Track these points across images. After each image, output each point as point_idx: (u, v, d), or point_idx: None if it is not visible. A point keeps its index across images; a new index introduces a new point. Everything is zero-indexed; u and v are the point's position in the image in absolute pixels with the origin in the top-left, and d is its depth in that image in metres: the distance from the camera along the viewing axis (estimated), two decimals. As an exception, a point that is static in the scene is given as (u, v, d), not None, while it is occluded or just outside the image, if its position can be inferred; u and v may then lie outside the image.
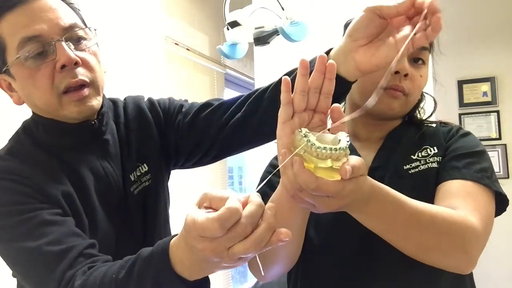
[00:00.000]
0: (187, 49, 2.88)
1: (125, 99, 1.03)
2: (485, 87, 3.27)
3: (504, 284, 3.05)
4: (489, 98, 3.26)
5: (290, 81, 0.65)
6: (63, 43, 0.81)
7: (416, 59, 0.92)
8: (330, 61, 0.66)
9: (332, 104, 0.68)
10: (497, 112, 3.24)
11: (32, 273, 0.76)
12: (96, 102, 0.86)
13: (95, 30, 0.89)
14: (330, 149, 0.56)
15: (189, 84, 2.95)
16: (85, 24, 0.89)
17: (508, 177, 3.17)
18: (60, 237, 0.75)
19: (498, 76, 3.24)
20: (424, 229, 0.73)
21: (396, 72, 0.89)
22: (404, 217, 0.71)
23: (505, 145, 3.20)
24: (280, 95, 0.66)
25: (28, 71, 0.82)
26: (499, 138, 3.22)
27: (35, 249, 0.74)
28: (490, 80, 3.25)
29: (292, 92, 0.66)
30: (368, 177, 0.66)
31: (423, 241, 0.74)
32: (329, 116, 0.69)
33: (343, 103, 1.06)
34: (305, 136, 0.58)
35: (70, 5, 0.88)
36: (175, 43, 2.75)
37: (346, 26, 1.03)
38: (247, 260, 0.58)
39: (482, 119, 3.27)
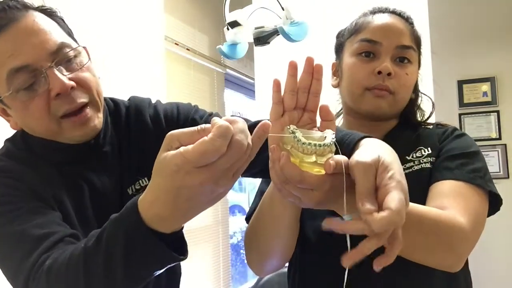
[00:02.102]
0: (187, 49, 2.88)
1: (129, 100, 0.99)
2: (485, 87, 3.27)
3: (502, 283, 3.05)
4: (489, 98, 3.26)
5: (280, 82, 0.69)
6: (55, 70, 0.77)
7: (402, 58, 0.95)
8: (317, 63, 0.69)
9: None
10: (497, 112, 3.24)
11: (10, 258, 0.73)
12: (98, 121, 0.84)
13: (83, 47, 0.84)
14: (315, 145, 0.60)
15: (189, 84, 2.95)
16: (70, 35, 0.85)
17: (508, 177, 3.17)
18: (44, 223, 0.74)
19: (498, 76, 3.24)
20: (411, 228, 0.74)
21: (379, 72, 0.91)
22: None
23: (505, 145, 3.20)
24: None
25: (22, 103, 0.79)
26: (499, 138, 3.22)
27: (18, 232, 0.72)
28: (490, 80, 3.25)
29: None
30: None
31: (410, 240, 0.75)
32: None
33: (340, 107, 1.08)
34: (293, 132, 0.61)
35: (51, 15, 0.83)
36: (175, 43, 2.75)
37: (337, 36, 1.05)
38: (237, 178, 0.55)
39: (482, 119, 3.27)
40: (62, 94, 0.78)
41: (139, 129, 0.94)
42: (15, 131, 0.90)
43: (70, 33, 0.86)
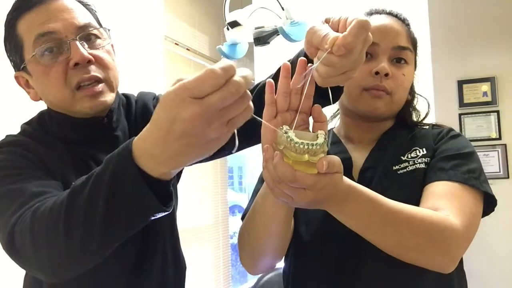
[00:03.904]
0: (187, 49, 2.88)
1: (137, 95, 1.05)
2: (485, 87, 3.26)
3: (502, 283, 3.05)
4: (489, 98, 3.25)
5: (273, 83, 0.70)
6: (77, 42, 0.84)
7: (398, 59, 0.96)
8: (309, 64, 0.69)
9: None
10: (497, 112, 3.24)
11: (4, 211, 0.74)
12: (109, 98, 0.88)
13: (108, 30, 0.92)
14: (307, 144, 0.61)
15: (189, 84, 2.95)
16: (100, 25, 0.92)
17: (508, 177, 3.17)
18: (43, 185, 0.76)
19: (498, 76, 3.24)
20: (401, 229, 0.75)
21: (376, 73, 0.92)
22: (380, 216, 0.74)
23: (505, 145, 3.20)
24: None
25: (43, 68, 0.85)
26: (499, 138, 3.22)
27: (16, 189, 0.75)
28: (490, 80, 3.25)
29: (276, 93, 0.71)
30: (345, 177, 0.69)
31: (401, 241, 0.76)
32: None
33: (337, 108, 1.08)
34: (285, 132, 0.62)
35: (86, 6, 0.91)
36: (175, 43, 2.75)
37: None
38: (232, 130, 0.54)
39: (482, 119, 3.26)
40: (80, 65, 0.84)
41: (145, 121, 0.96)
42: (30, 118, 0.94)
43: (99, 23, 0.93)
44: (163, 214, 0.61)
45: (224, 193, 3.37)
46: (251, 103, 0.54)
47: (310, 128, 0.73)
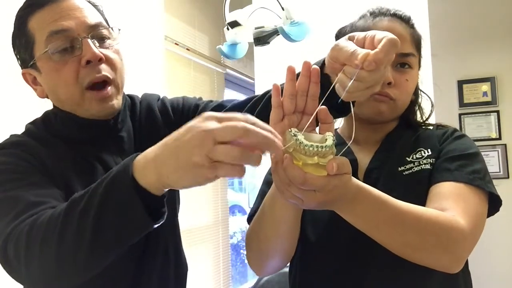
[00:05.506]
0: (187, 49, 2.88)
1: (142, 96, 1.06)
2: (485, 87, 3.26)
3: (503, 283, 3.05)
4: (489, 98, 3.25)
5: (279, 86, 0.71)
6: (89, 40, 0.86)
7: (402, 64, 0.95)
8: (314, 66, 0.70)
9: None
10: (497, 112, 3.24)
11: (1, 220, 0.74)
12: (117, 102, 0.90)
13: (118, 30, 0.93)
14: (317, 146, 0.61)
15: (189, 84, 2.95)
16: (108, 25, 0.93)
17: (508, 177, 3.17)
18: (42, 194, 0.76)
19: (498, 76, 3.24)
20: (409, 229, 0.75)
21: None
22: (388, 216, 0.74)
23: (505, 145, 3.20)
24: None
25: (55, 65, 0.86)
26: (499, 138, 3.22)
27: (14, 197, 0.74)
28: (490, 80, 3.25)
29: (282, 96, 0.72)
30: (353, 177, 0.69)
31: (408, 240, 0.77)
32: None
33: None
34: (294, 135, 0.63)
35: (95, 6, 0.93)
36: (175, 43, 2.75)
37: (337, 36, 1.03)
38: (214, 174, 0.55)
39: (482, 119, 3.26)
40: (92, 63, 0.85)
41: (150, 122, 1.00)
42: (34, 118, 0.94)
43: (107, 22, 0.94)
44: (150, 229, 0.62)
45: (224, 193, 3.37)
46: (245, 167, 0.55)
47: (317, 129, 0.74)
